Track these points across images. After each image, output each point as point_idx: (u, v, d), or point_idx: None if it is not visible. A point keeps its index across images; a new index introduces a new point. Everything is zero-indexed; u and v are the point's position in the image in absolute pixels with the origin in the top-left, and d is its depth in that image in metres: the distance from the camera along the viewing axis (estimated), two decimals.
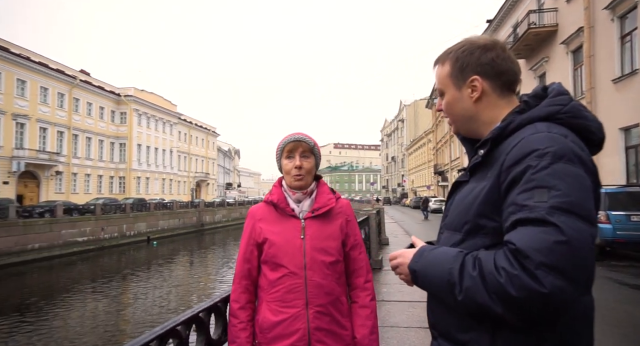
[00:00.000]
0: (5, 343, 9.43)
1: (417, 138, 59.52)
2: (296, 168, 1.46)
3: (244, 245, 1.48)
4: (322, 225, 1.45)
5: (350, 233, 1.51)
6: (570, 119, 0.87)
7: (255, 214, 1.51)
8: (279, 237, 1.42)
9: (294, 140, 1.49)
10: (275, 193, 1.50)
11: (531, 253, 0.72)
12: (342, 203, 1.55)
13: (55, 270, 18.44)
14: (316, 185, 1.54)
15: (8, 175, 27.17)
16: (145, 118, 43.06)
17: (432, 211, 31.36)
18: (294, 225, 1.44)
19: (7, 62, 27.81)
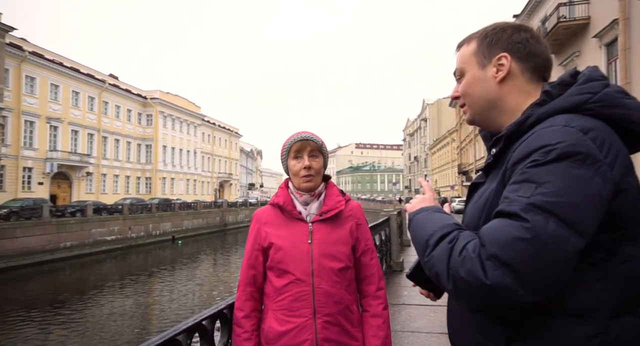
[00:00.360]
0: (42, 336, 9.82)
1: (440, 138, 58.46)
2: (305, 168, 1.38)
3: (249, 250, 1.42)
4: (331, 229, 1.38)
5: (361, 238, 1.44)
6: (603, 109, 0.75)
7: (260, 217, 1.44)
8: (285, 241, 1.35)
9: (302, 139, 1.41)
10: (282, 195, 1.43)
11: (488, 243, 0.69)
12: (352, 205, 1.47)
13: (85, 267, 19.12)
14: (325, 187, 1.47)
15: (42, 176, 28.40)
16: (170, 120, 44.09)
17: (455, 211, 30.80)
18: (301, 229, 1.38)
19: (42, 67, 29.09)
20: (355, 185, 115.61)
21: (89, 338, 9.76)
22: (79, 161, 31.22)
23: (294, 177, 1.42)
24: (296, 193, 1.43)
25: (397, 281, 5.87)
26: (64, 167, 30.21)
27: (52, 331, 10.27)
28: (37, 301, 13.18)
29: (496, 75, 0.86)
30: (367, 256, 1.45)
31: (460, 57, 0.93)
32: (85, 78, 33.21)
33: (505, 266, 0.66)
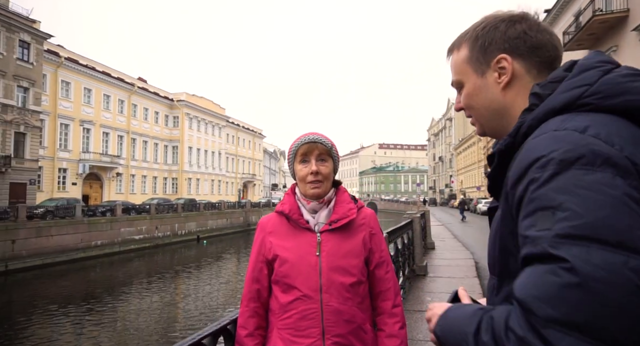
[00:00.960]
0: (76, 330, 10.23)
1: (466, 137, 57.20)
2: (312, 174, 1.28)
3: (253, 261, 1.32)
4: (342, 239, 1.27)
5: (375, 249, 1.32)
6: (604, 100, 0.61)
7: (265, 226, 1.34)
8: (291, 253, 1.25)
9: (309, 142, 1.30)
10: (287, 203, 1.33)
11: (534, 305, 0.50)
12: (366, 213, 1.35)
13: (115, 265, 19.78)
14: (335, 193, 1.35)
15: (76, 176, 29.61)
16: (195, 121, 45.07)
17: (482, 213, 30.00)
18: (309, 239, 1.27)
19: (77, 72, 30.37)
20: (378, 186, 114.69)
21: (120, 333, 10.08)
22: (109, 162, 32.37)
23: (301, 183, 1.32)
24: (303, 200, 1.32)
25: (420, 287, 5.76)
26: (96, 167, 31.40)
27: (84, 326, 10.70)
28: (70, 297, 13.75)
29: (499, 81, 0.75)
30: (382, 269, 1.32)
31: (453, 67, 0.82)
32: (116, 81, 34.41)
33: (574, 329, 0.47)
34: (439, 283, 5.94)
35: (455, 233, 15.64)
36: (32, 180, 24.83)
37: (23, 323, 10.74)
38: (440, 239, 12.50)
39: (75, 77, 30.22)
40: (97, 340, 9.73)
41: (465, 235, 15.21)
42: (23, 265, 16.81)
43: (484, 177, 43.98)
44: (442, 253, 9.54)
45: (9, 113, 23.43)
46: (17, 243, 16.86)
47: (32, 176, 24.92)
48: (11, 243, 16.64)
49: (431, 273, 6.80)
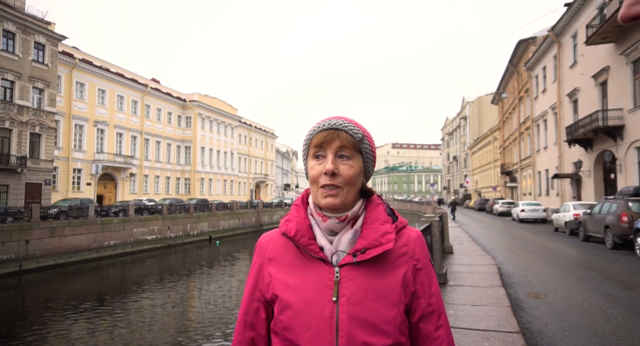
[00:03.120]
0: (89, 331, 10.10)
1: (481, 137, 56.08)
2: (326, 174, 0.87)
3: (247, 299, 0.95)
4: (371, 278, 0.86)
5: (421, 292, 0.90)
6: None
7: (263, 249, 0.95)
8: (296, 295, 0.86)
9: (327, 128, 0.90)
10: (294, 220, 0.92)
11: None
12: (408, 237, 0.92)
13: (127, 266, 19.76)
14: (364, 207, 0.93)
15: (90, 177, 29.87)
16: (208, 122, 45.18)
17: (499, 214, 29.25)
18: (322, 276, 0.86)
19: (91, 73, 30.65)
20: (391, 186, 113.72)
21: (132, 334, 9.92)
22: (123, 162, 32.60)
23: (313, 186, 0.91)
24: (317, 215, 0.91)
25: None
26: (109, 168, 31.66)
27: (98, 326, 10.59)
28: (84, 297, 13.69)
29: None
30: (430, 322, 0.90)
31: None
32: (129, 82, 34.65)
33: None
34: (461, 293, 5.51)
35: (473, 235, 15.09)
36: (47, 180, 25.09)
37: (37, 323, 10.68)
38: (457, 242, 12.01)
39: (89, 78, 30.50)
40: (111, 341, 9.63)
41: (484, 237, 14.65)
42: (37, 265, 16.87)
43: (500, 176, 42.96)
44: (461, 258, 9.07)
45: (24, 115, 23.71)
46: (31, 243, 16.93)
47: (47, 176, 25.18)
48: (25, 243, 16.72)
49: (451, 281, 6.37)
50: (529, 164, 30.92)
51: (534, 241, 13.61)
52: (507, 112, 39.74)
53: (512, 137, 37.17)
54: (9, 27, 23.04)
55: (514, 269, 8.16)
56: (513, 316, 4.43)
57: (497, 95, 43.10)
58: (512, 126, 37.72)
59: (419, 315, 0.90)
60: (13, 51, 23.29)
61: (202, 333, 9.89)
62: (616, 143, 16.63)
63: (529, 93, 30.55)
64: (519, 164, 34.25)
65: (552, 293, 6.05)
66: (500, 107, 44.01)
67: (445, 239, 10.03)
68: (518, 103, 34.23)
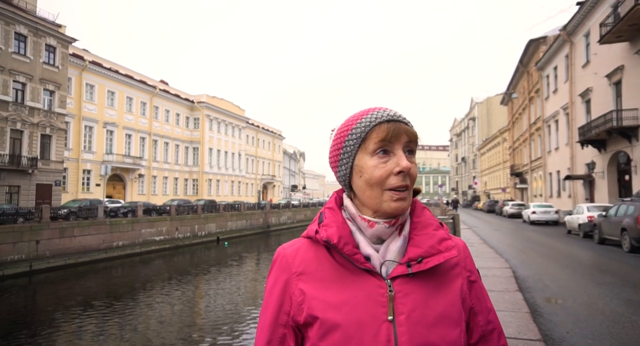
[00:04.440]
0: (98, 330, 10.10)
1: (490, 138, 55.55)
2: (399, 174, 0.74)
3: (269, 324, 0.78)
4: (429, 292, 0.74)
5: (478, 309, 0.79)
6: None
7: (290, 262, 0.79)
8: (343, 315, 0.71)
9: (394, 120, 0.76)
10: (334, 224, 0.77)
11: None
12: (458, 246, 0.81)
13: (136, 266, 19.81)
14: (410, 209, 0.82)
15: (100, 177, 30.10)
16: (216, 123, 45.33)
17: (509, 215, 28.88)
18: (372, 290, 0.73)
19: (101, 75, 30.91)
20: None
21: (142, 333, 9.90)
22: (131, 163, 32.81)
23: (372, 190, 0.75)
24: (361, 221, 0.77)
25: None
26: (118, 169, 31.87)
27: (107, 326, 10.60)
28: (93, 297, 13.74)
29: None
30: (491, 343, 0.79)
31: None
32: (138, 84, 34.89)
33: None
34: None
35: (484, 237, 14.85)
36: (57, 181, 25.31)
37: (47, 323, 10.72)
38: (469, 244, 11.78)
39: (99, 80, 30.77)
40: (120, 340, 9.64)
41: (495, 239, 14.41)
42: (47, 265, 16.97)
43: (509, 178, 42.45)
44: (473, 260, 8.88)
45: (35, 116, 23.95)
46: (41, 244, 17.04)
47: (58, 177, 25.40)
48: (35, 243, 16.83)
49: None
50: (540, 165, 30.50)
51: (547, 243, 13.34)
52: (517, 113, 39.29)
53: (522, 137, 36.72)
54: (20, 30, 23.32)
55: (529, 272, 7.96)
56: (533, 323, 4.27)
57: (506, 95, 42.63)
58: (522, 127, 37.27)
59: (479, 335, 0.78)
60: (25, 54, 23.55)
61: (210, 331, 9.84)
62: (631, 144, 16.28)
63: (539, 93, 30.14)
64: (530, 165, 33.80)
65: (570, 298, 5.86)
66: (510, 108, 43.53)
67: None
68: (528, 104, 33.80)
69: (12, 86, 22.89)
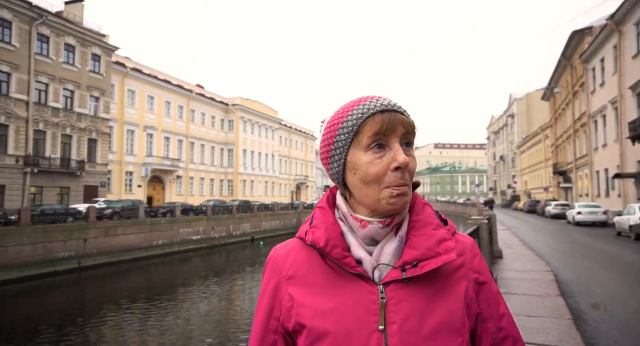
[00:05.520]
0: (139, 326, 10.60)
1: (530, 135, 53.15)
2: (398, 169, 0.67)
3: (258, 331, 0.74)
4: (426, 298, 0.67)
5: (487, 314, 0.72)
6: None
7: (280, 265, 0.74)
8: (331, 323, 0.66)
9: (388, 110, 0.69)
10: (322, 225, 0.72)
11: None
12: (464, 245, 0.75)
13: (174, 264, 20.58)
14: (409, 207, 0.76)
15: (141, 179, 31.53)
16: (249, 125, 46.24)
17: (552, 216, 27.49)
18: (362, 296, 0.68)
19: (141, 81, 32.36)
20: (434, 187, 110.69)
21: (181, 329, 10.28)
22: (170, 165, 34.09)
23: (368, 187, 0.69)
24: (353, 220, 0.72)
25: None
26: (158, 170, 33.21)
27: (148, 321, 11.10)
28: (135, 294, 14.44)
29: None
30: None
31: None
32: (176, 88, 36.21)
33: None
34: (513, 302, 5.13)
35: (524, 238, 14.22)
36: (102, 182, 26.75)
37: (95, 315, 11.39)
38: (507, 246, 11.34)
39: (139, 85, 32.21)
40: (161, 333, 10.14)
41: (536, 241, 13.76)
42: (93, 262, 17.96)
43: (552, 177, 40.41)
44: (511, 263, 8.54)
45: (82, 121, 25.43)
46: (88, 242, 18.06)
47: (103, 179, 26.84)
48: (83, 241, 17.85)
49: (502, 289, 5.96)
50: (586, 163, 28.80)
51: (594, 246, 12.57)
52: (560, 108, 37.32)
53: (566, 134, 34.84)
54: (69, 41, 24.84)
55: (572, 276, 7.53)
56: (576, 330, 4.03)
57: (548, 90, 40.60)
58: (565, 123, 35.36)
59: (489, 343, 0.71)
60: (73, 63, 25.07)
61: (247, 326, 10.02)
62: None
63: (584, 87, 28.47)
64: (574, 163, 32.01)
65: (619, 305, 5.48)
66: (552, 103, 41.43)
67: (493, 242, 9.50)
68: (572, 99, 32.02)
69: (62, 94, 24.42)
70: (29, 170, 22.03)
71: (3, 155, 21.13)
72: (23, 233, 15.57)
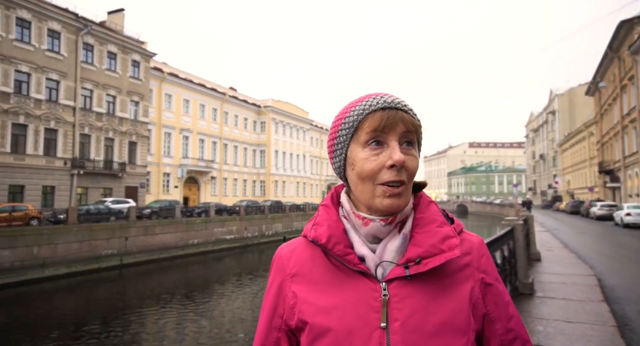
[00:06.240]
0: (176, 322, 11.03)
1: (573, 132, 50.47)
2: (392, 167, 0.67)
3: (263, 328, 0.76)
4: (429, 296, 0.67)
5: (495, 315, 0.71)
6: None
7: (284, 263, 0.76)
8: (333, 321, 0.67)
9: (388, 107, 0.69)
10: (325, 222, 0.73)
11: None
12: (471, 244, 0.74)
13: (209, 263, 21.18)
14: (413, 206, 0.75)
15: (177, 180, 32.69)
16: (281, 126, 46.82)
17: (597, 217, 25.95)
18: (365, 294, 0.68)
19: (177, 85, 33.57)
20: (468, 187, 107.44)
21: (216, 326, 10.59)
22: (204, 166, 35.12)
23: (363, 185, 0.70)
24: (356, 218, 0.72)
25: (527, 310, 4.79)
26: (193, 172, 34.29)
27: (185, 318, 11.52)
28: (173, 290, 15.00)
29: None
30: None
31: None
32: (210, 92, 37.27)
33: None
34: (553, 307, 4.89)
35: (565, 241, 13.52)
36: (142, 183, 27.96)
37: (137, 309, 11.97)
38: (546, 248, 10.83)
39: (176, 89, 33.42)
40: (196, 328, 10.54)
41: (579, 243, 13.05)
42: (134, 260, 18.81)
43: (597, 176, 38.18)
44: (550, 266, 8.14)
45: (124, 125, 26.71)
46: (129, 240, 18.93)
47: (142, 180, 28.06)
48: (125, 240, 18.74)
49: (539, 292, 5.71)
50: (635, 161, 26.99)
51: None
52: (606, 104, 35.20)
53: (613, 131, 32.80)
54: (112, 48, 26.18)
55: (619, 282, 7.09)
56: (620, 338, 3.79)
57: (592, 85, 38.40)
58: (612, 119, 33.30)
59: (497, 345, 0.70)
60: (115, 69, 26.39)
61: None
62: None
63: (633, 80, 26.69)
64: (622, 162, 30.07)
65: None
66: (597, 99, 39.16)
67: (531, 245, 9.11)
68: (620, 93, 30.10)
69: (105, 99, 25.76)
70: (75, 172, 23.40)
71: (53, 157, 22.56)
72: (70, 232, 16.55)
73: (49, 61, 22.42)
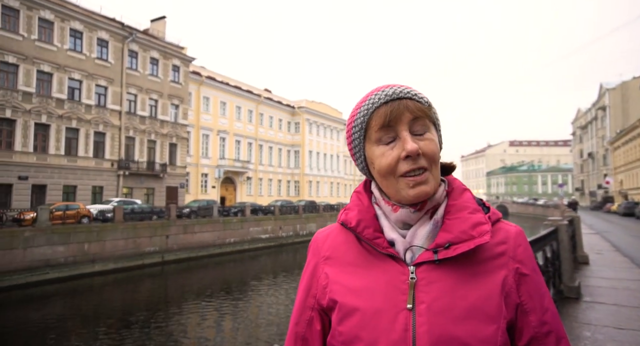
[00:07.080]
0: (214, 318, 11.42)
1: (627, 129, 47.18)
2: (407, 158, 0.68)
3: (298, 307, 0.79)
4: (459, 281, 0.67)
5: (529, 306, 0.68)
6: None
7: (319, 247, 0.79)
8: (361, 301, 0.69)
9: (391, 99, 0.70)
10: (356, 208, 0.77)
11: None
12: (507, 233, 0.72)
13: (246, 261, 21.67)
14: (445, 191, 0.75)
15: (215, 180, 33.70)
16: (315, 126, 47.10)
17: None
18: (393, 276, 0.69)
19: (214, 88, 34.63)
20: (509, 187, 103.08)
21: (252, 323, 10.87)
22: (240, 167, 35.97)
23: (386, 180, 0.71)
24: (386, 204, 0.74)
25: (572, 314, 4.54)
26: (230, 172, 35.21)
27: (222, 314, 11.90)
28: (211, 287, 15.51)
29: None
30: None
31: None
32: (245, 94, 38.14)
33: None
34: (601, 312, 4.61)
35: (617, 244, 12.67)
36: (182, 184, 29.06)
37: (176, 305, 12.52)
38: (595, 251, 10.21)
39: (213, 92, 34.48)
40: (233, 322, 10.91)
41: (633, 247, 12.18)
42: (174, 257, 19.59)
43: None
44: (599, 270, 7.67)
45: (165, 128, 27.88)
46: (170, 238, 19.74)
47: (182, 180, 29.16)
48: (166, 238, 19.56)
49: (587, 297, 5.39)
50: None
51: None
52: None
53: None
54: (154, 54, 27.43)
55: None
56: None
57: None
58: None
59: (529, 336, 0.68)
60: (157, 74, 27.62)
61: None
62: None
63: None
64: None
65: None
66: None
67: (577, 247, 8.62)
68: None
69: (148, 103, 27.02)
70: (121, 173, 24.70)
71: (101, 159, 23.95)
72: (117, 230, 17.49)
73: (98, 68, 23.83)
